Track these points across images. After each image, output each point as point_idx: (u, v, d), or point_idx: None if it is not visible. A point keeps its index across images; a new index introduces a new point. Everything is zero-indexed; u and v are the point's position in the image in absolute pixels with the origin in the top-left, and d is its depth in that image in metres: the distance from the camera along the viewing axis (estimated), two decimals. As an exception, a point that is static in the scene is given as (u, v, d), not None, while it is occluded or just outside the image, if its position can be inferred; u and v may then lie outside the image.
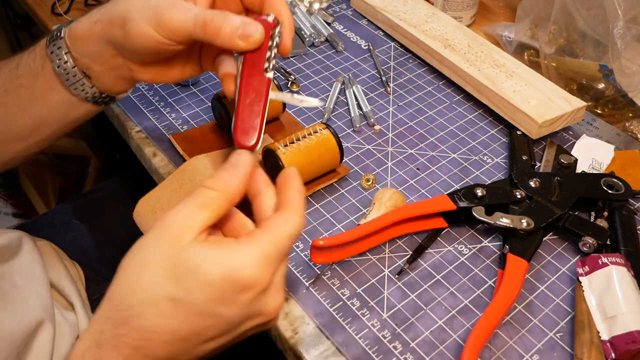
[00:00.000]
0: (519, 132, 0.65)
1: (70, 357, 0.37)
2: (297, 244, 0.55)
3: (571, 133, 0.67)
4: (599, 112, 0.71)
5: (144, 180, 0.69)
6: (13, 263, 0.57)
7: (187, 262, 0.36)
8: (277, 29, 0.47)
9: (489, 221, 0.53)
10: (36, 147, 0.58)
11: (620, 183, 0.58)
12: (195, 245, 0.36)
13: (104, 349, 0.37)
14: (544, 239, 0.56)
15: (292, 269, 0.53)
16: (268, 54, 0.46)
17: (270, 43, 0.46)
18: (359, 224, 0.55)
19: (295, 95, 0.47)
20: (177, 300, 0.36)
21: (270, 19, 0.47)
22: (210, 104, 0.69)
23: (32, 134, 0.57)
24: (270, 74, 0.46)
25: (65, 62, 0.53)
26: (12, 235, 0.61)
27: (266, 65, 0.46)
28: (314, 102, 0.47)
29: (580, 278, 0.51)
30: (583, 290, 0.50)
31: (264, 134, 0.44)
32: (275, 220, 0.38)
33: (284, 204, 0.39)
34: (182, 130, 0.65)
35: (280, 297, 0.39)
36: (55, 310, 0.57)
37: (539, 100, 0.65)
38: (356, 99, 0.71)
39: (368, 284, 0.52)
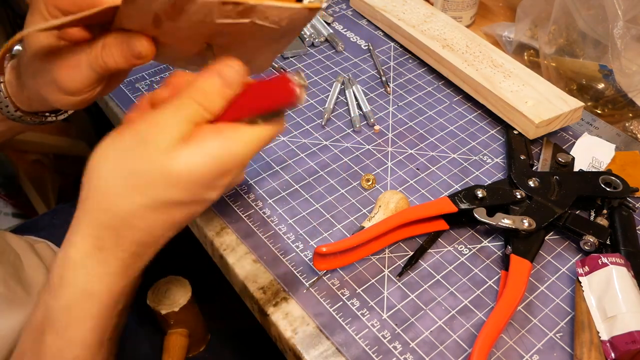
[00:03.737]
0: (515, 132, 0.65)
1: (67, 263, 0.39)
2: (297, 243, 0.55)
3: (571, 133, 0.67)
4: (599, 112, 0.71)
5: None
6: None
7: (174, 172, 0.39)
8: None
9: (490, 222, 0.53)
10: None
11: (618, 181, 0.58)
12: (176, 155, 0.39)
13: (107, 251, 0.39)
14: (544, 238, 0.56)
15: (292, 269, 0.53)
16: None
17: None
18: (361, 226, 0.55)
19: None
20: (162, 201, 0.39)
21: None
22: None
23: None
24: None
25: (7, 106, 0.51)
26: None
27: None
28: None
29: (580, 278, 0.51)
30: (583, 290, 0.50)
31: None
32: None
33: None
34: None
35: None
36: None
37: (536, 101, 0.65)
38: (356, 99, 0.71)
39: (368, 284, 0.52)
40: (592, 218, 0.57)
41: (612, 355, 0.45)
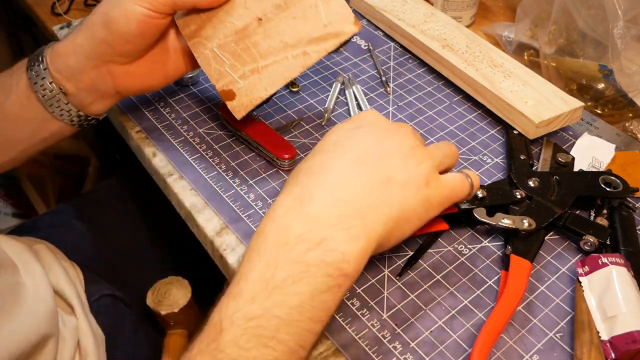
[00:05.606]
0: (515, 132, 0.65)
1: None
2: (297, 244, 0.55)
3: (571, 133, 0.67)
4: (599, 112, 0.71)
5: (144, 181, 0.69)
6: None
7: None
8: None
9: (490, 222, 0.53)
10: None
11: (618, 181, 0.58)
12: None
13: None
14: (544, 238, 0.56)
15: (292, 269, 0.53)
16: None
17: None
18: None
19: None
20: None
21: None
22: (209, 103, 0.69)
23: None
24: None
25: (43, 78, 0.53)
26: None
27: None
28: None
29: (580, 278, 0.51)
30: (583, 290, 0.50)
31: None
32: None
33: None
34: (182, 130, 0.65)
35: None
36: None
37: (536, 101, 0.65)
38: (356, 99, 0.71)
39: (368, 284, 0.52)
40: (592, 218, 0.57)
41: (612, 355, 0.45)
